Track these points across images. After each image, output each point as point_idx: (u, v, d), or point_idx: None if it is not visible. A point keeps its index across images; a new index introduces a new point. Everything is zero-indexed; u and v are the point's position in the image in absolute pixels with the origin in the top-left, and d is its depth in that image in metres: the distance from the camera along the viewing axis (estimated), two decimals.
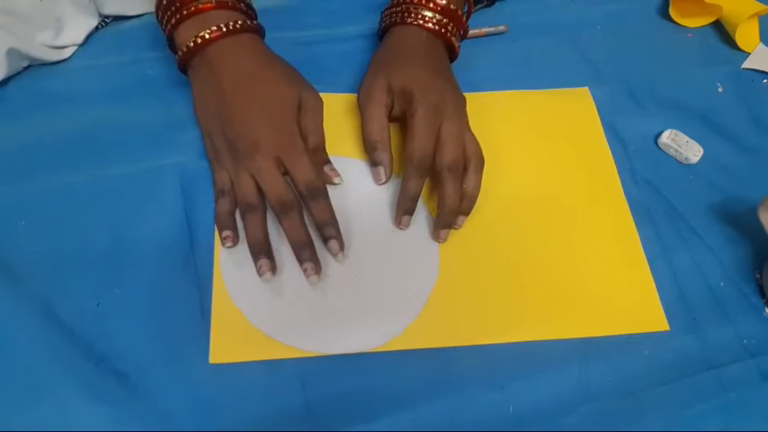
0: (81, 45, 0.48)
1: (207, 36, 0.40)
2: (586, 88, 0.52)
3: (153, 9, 0.50)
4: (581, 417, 0.37)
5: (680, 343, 0.40)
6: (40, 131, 0.44)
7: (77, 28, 0.48)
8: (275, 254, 0.40)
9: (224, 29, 0.41)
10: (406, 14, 0.45)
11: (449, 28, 0.45)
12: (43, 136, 0.43)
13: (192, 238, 0.40)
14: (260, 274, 0.38)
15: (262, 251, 0.39)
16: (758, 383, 0.39)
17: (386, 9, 0.48)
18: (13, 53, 0.44)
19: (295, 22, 0.45)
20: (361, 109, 0.44)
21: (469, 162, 0.42)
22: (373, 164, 0.44)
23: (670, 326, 0.41)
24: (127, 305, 0.37)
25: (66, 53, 0.47)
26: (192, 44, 0.41)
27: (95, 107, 0.45)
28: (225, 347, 0.37)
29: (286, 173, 0.40)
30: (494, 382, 0.38)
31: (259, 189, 0.40)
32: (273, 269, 0.39)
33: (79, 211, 0.40)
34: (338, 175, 0.43)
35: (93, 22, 0.49)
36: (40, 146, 0.43)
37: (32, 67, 0.47)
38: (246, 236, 0.39)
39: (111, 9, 0.49)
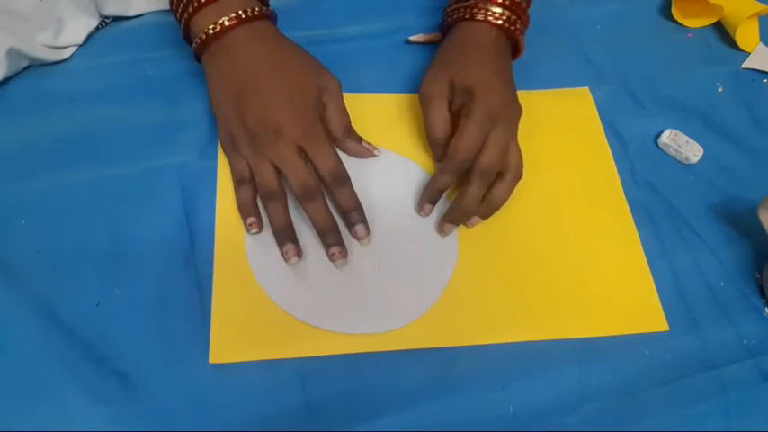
0: (81, 45, 0.48)
1: (226, 23, 0.40)
2: (586, 88, 0.52)
3: (153, 9, 0.51)
4: (581, 417, 0.37)
5: (680, 343, 0.40)
6: (40, 131, 0.44)
7: (78, 28, 0.48)
8: (298, 238, 0.40)
9: (242, 15, 0.40)
10: (474, 10, 0.44)
11: (516, 25, 0.45)
12: (43, 136, 0.43)
13: (192, 238, 0.40)
14: (286, 259, 0.39)
15: (287, 237, 0.39)
16: (758, 383, 0.39)
17: (450, 5, 0.47)
18: (13, 53, 0.44)
19: (295, 22, 0.45)
20: (424, 103, 0.44)
21: (507, 171, 0.42)
22: (438, 159, 0.45)
23: (670, 326, 0.41)
24: (127, 305, 0.37)
25: (67, 53, 0.47)
26: (210, 31, 0.40)
27: (95, 107, 0.45)
28: (225, 347, 0.37)
29: (306, 159, 0.40)
30: (494, 382, 0.38)
31: (278, 175, 0.40)
32: (299, 253, 0.39)
33: (79, 212, 0.40)
34: (376, 148, 0.44)
35: (94, 23, 0.49)
36: (40, 146, 0.43)
37: (32, 67, 0.47)
38: (271, 223, 0.40)
39: (112, 9, 0.49)
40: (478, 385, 0.37)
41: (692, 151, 0.49)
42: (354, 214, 0.40)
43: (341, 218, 0.41)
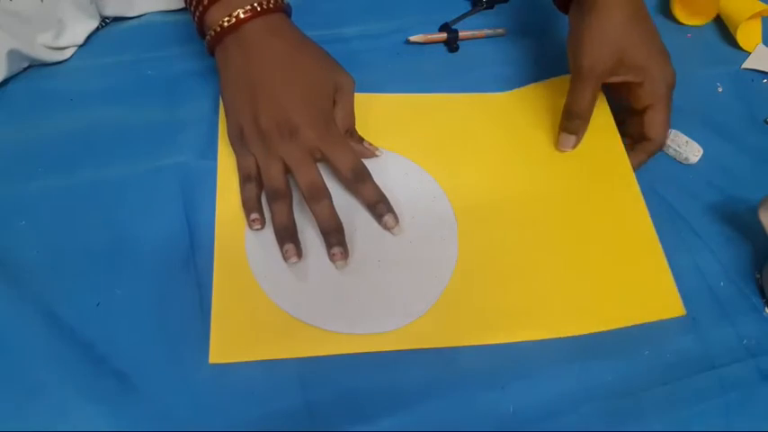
0: (81, 45, 0.48)
1: (241, 15, 0.40)
2: None
3: (153, 9, 0.51)
4: (581, 417, 0.37)
5: (680, 343, 0.40)
6: (40, 131, 0.44)
7: (78, 29, 0.48)
8: (299, 237, 0.40)
9: (258, 8, 0.40)
10: None
11: None
12: (43, 136, 0.43)
13: (192, 238, 0.40)
14: (286, 258, 0.39)
15: (288, 236, 0.39)
16: (758, 383, 0.39)
17: None
18: (13, 54, 0.44)
19: (295, 23, 0.45)
20: (585, 78, 0.44)
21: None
22: (567, 131, 0.46)
23: (670, 326, 0.41)
24: (127, 305, 0.37)
25: (67, 54, 0.47)
26: (225, 23, 0.40)
27: (95, 107, 0.45)
28: (225, 347, 0.37)
29: (318, 160, 0.40)
30: (494, 382, 0.37)
31: (286, 174, 0.40)
32: (299, 254, 0.39)
33: (79, 211, 0.40)
34: (377, 149, 0.44)
35: (94, 23, 0.49)
36: (40, 146, 0.43)
37: (33, 68, 0.47)
38: (273, 222, 0.40)
39: (112, 10, 0.49)
40: (478, 385, 0.37)
41: (691, 151, 0.48)
42: (382, 205, 0.41)
43: (368, 211, 0.42)
